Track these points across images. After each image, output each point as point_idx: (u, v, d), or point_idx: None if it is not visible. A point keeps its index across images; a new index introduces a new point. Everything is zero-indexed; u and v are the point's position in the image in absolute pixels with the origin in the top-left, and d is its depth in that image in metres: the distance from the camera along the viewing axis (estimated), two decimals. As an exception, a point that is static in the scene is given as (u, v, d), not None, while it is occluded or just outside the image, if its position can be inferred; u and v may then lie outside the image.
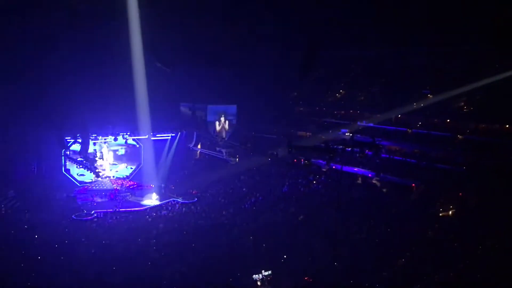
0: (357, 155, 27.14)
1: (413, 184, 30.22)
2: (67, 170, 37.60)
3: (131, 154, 40.64)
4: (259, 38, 36.30)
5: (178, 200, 34.56)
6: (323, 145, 30.10)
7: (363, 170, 32.89)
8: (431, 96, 33.27)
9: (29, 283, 20.14)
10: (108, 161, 39.32)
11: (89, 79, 34.64)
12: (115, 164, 39.89)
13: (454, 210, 26.59)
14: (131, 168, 40.20)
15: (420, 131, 33.09)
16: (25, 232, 26.59)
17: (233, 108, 43.55)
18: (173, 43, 36.00)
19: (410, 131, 33.71)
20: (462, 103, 32.06)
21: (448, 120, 32.19)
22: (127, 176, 39.53)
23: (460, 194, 27.36)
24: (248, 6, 33.48)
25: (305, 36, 32.60)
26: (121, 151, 40.52)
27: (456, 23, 28.77)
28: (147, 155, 39.42)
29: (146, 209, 33.19)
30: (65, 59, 33.59)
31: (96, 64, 34.62)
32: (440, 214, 26.69)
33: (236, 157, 40.68)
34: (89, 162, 36.51)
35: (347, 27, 33.11)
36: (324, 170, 33.78)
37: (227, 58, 38.28)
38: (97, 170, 37.10)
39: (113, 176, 38.76)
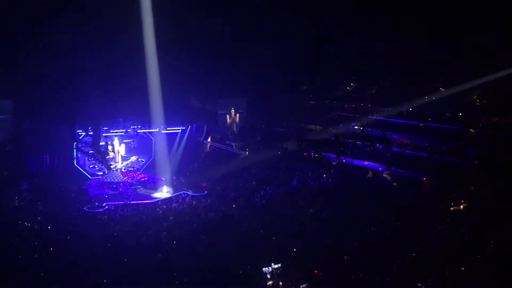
0: (368, 148, 27.00)
1: (424, 178, 30.01)
2: (79, 163, 38.01)
3: (142, 147, 40.92)
4: (270, 32, 36.13)
5: (189, 193, 34.81)
6: (333, 138, 30.10)
7: (373, 163, 32.69)
8: (443, 89, 32.91)
9: (42, 274, 20.49)
10: (120, 153, 39.65)
11: (101, 73, 34.87)
12: (126, 157, 40.21)
13: (465, 204, 26.37)
14: (142, 161, 40.52)
15: (432, 124, 32.73)
16: (38, 223, 27.00)
17: (243, 101, 43.50)
18: (184, 37, 36.05)
19: (421, 125, 33.34)
20: (475, 97, 31.65)
21: (460, 114, 31.82)
22: (138, 168, 39.85)
23: (472, 188, 27.10)
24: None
25: (315, 29, 32.41)
26: (134, 144, 40.80)
27: (468, 16, 28.36)
28: (158, 148, 39.72)
29: (156, 201, 33.49)
30: (77, 53, 33.81)
31: (108, 58, 34.80)
32: (451, 209, 26.48)
33: (246, 151, 40.69)
34: (100, 155, 36.85)
35: (357, 20, 32.79)
36: (334, 163, 33.67)
37: (238, 52, 38.20)
38: (108, 163, 37.44)
39: (124, 169, 39.10)
